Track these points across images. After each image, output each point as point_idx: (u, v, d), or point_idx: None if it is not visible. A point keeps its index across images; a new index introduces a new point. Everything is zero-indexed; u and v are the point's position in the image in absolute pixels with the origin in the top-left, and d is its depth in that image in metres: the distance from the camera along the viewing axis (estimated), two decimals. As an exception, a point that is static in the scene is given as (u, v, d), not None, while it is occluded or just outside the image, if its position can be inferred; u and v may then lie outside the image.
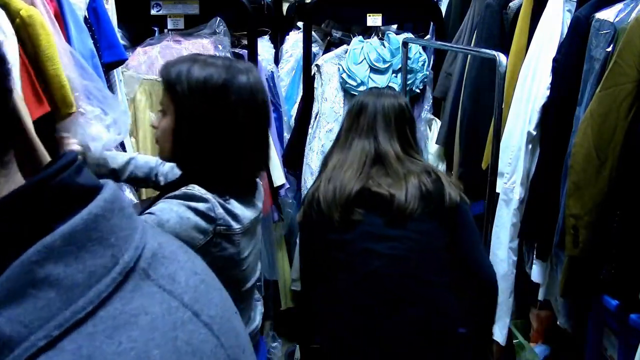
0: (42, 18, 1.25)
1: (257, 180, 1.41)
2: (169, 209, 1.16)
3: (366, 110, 1.67)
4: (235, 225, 1.23)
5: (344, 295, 1.54)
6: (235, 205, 1.24)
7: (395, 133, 1.65)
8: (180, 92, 1.21)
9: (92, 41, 1.59)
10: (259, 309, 1.50)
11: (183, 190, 1.20)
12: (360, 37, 2.64)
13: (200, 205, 1.18)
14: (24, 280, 0.39)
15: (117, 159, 1.53)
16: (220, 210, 1.20)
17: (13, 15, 1.19)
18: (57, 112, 1.30)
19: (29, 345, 0.37)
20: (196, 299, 0.49)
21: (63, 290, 0.40)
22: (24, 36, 1.21)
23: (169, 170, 1.56)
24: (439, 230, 1.55)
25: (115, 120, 1.47)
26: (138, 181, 1.56)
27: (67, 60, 1.34)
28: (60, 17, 1.44)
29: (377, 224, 1.53)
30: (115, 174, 1.50)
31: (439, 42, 2.65)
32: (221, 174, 1.25)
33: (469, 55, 2.32)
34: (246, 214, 1.27)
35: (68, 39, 1.45)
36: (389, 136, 1.64)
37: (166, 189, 1.31)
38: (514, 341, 2.25)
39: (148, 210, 1.18)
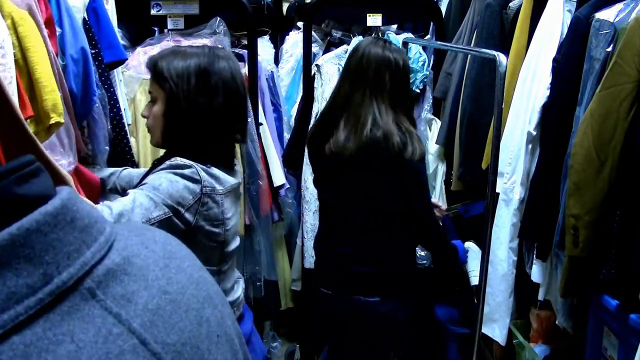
0: (33, 22, 1.24)
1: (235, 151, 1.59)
2: (159, 177, 1.33)
3: (358, 57, 1.83)
4: (218, 187, 1.40)
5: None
6: (216, 171, 1.41)
7: (381, 85, 1.81)
8: (168, 79, 1.38)
9: (88, 44, 1.58)
10: (240, 284, 1.64)
11: (167, 162, 1.37)
12: (360, 37, 2.64)
13: (186, 171, 1.34)
14: None
15: (102, 171, 1.69)
16: (203, 174, 1.36)
17: (4, 17, 1.18)
18: (39, 122, 1.22)
19: None
20: (152, 323, 0.46)
21: None
22: (14, 39, 1.19)
23: None
24: (382, 180, 1.80)
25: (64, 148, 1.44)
26: (120, 192, 1.66)
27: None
28: (53, 23, 1.42)
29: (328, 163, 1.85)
30: (103, 183, 1.66)
31: (439, 42, 2.65)
32: (204, 148, 1.42)
33: (469, 55, 2.32)
34: (227, 178, 1.44)
35: (62, 42, 1.44)
36: (377, 88, 1.81)
37: (153, 168, 1.46)
38: (514, 341, 2.25)
39: (139, 186, 1.34)
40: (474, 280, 2.28)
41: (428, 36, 2.86)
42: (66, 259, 0.42)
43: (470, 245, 2.33)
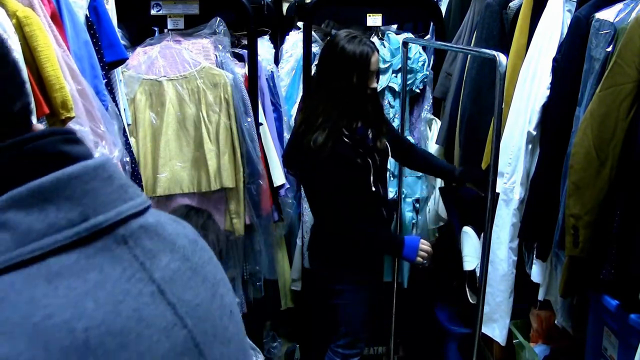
0: (39, 19, 1.24)
1: None
2: None
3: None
4: None
5: None
6: None
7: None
8: None
9: (91, 41, 1.58)
10: None
11: None
12: (360, 37, 2.64)
13: None
14: None
15: None
16: None
17: (9, 17, 1.18)
18: (54, 117, 1.28)
19: None
20: (171, 279, 0.51)
21: (17, 233, 0.44)
22: (20, 37, 1.20)
23: None
24: (301, 174, 2.15)
25: (107, 140, 1.47)
26: None
27: (65, 69, 1.33)
28: (58, 18, 1.43)
29: None
30: None
31: (439, 42, 2.65)
32: None
33: (469, 55, 2.32)
34: None
35: (65, 39, 1.44)
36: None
37: None
38: (514, 341, 2.25)
39: None
40: (467, 265, 2.29)
41: (428, 36, 2.86)
42: (102, 206, 0.48)
43: (466, 229, 2.33)
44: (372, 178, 2.03)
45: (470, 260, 2.29)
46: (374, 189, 2.04)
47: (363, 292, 2.16)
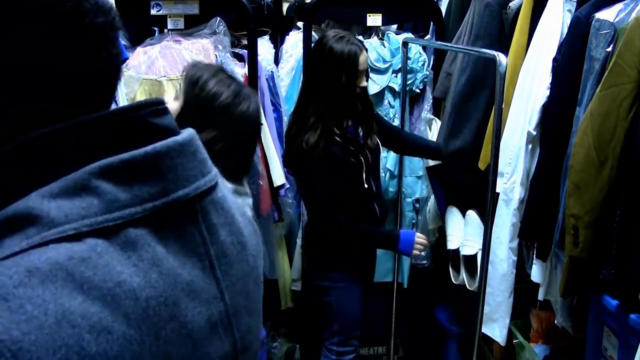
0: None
1: None
2: None
3: None
4: None
5: None
6: None
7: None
8: (191, 91, 1.42)
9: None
10: None
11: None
12: (360, 37, 2.63)
13: None
14: (80, 184, 0.47)
15: None
16: None
17: None
18: None
19: (61, 230, 0.44)
20: (223, 254, 0.55)
21: (105, 200, 0.47)
22: None
23: None
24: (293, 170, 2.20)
25: None
26: None
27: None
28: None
29: None
30: None
31: (439, 42, 2.65)
32: None
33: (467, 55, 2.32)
34: None
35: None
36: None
37: None
38: (514, 341, 2.25)
39: None
40: (450, 244, 2.31)
41: (428, 36, 2.86)
42: (185, 180, 0.52)
43: (451, 209, 2.37)
44: (364, 175, 2.06)
45: (454, 240, 2.33)
46: (366, 186, 2.07)
47: (353, 289, 2.17)
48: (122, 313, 0.45)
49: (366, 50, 2.04)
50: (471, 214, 2.33)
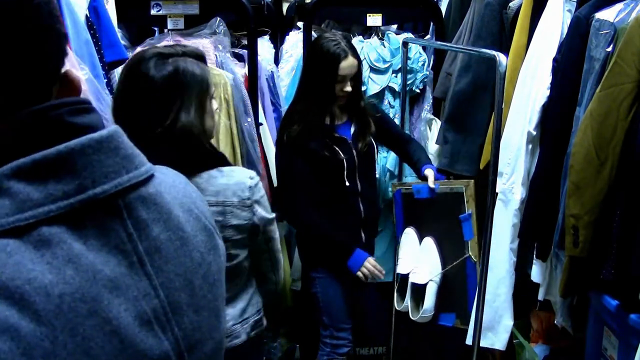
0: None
1: None
2: None
3: None
4: None
5: None
6: None
7: None
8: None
9: (91, 41, 1.58)
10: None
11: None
12: (360, 37, 2.64)
13: None
14: None
15: None
16: None
17: None
18: None
19: None
20: (156, 249, 0.55)
21: (17, 201, 0.47)
22: None
23: None
24: None
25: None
26: None
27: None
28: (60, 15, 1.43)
29: None
30: None
31: (439, 42, 2.65)
32: None
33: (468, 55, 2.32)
34: None
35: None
36: None
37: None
38: (514, 341, 2.25)
39: None
40: (399, 268, 2.24)
41: (428, 36, 2.86)
42: (103, 177, 0.51)
43: (409, 231, 2.28)
44: (345, 173, 2.07)
45: (404, 265, 2.23)
46: (347, 184, 2.08)
47: (337, 279, 2.18)
48: (31, 310, 0.44)
49: (357, 58, 2.03)
50: (428, 241, 2.22)
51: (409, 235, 2.26)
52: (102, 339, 0.48)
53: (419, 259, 2.21)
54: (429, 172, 2.16)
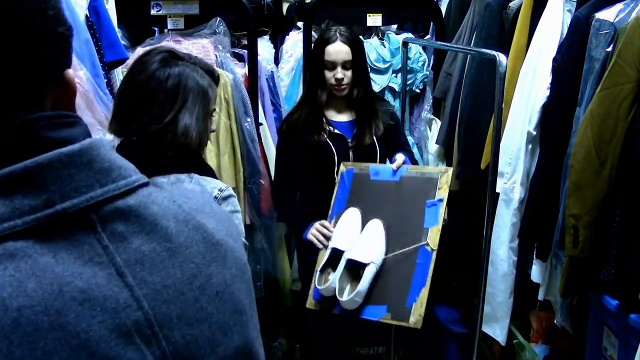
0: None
1: None
2: None
3: None
4: None
5: None
6: None
7: None
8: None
9: (91, 41, 1.58)
10: None
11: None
12: (360, 37, 2.64)
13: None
14: None
15: None
16: None
17: None
18: None
19: None
20: (137, 261, 0.53)
21: None
22: None
23: None
24: None
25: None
26: None
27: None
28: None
29: None
30: None
31: (439, 42, 2.65)
32: None
33: (468, 55, 2.32)
34: None
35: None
36: None
37: None
38: (514, 341, 2.25)
39: None
40: (334, 241, 1.92)
41: (428, 36, 2.86)
42: (73, 191, 0.50)
43: (351, 209, 1.99)
44: (336, 170, 2.05)
45: (341, 240, 1.92)
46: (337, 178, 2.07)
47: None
48: None
49: (351, 45, 1.98)
50: (375, 222, 1.92)
51: (352, 213, 1.97)
52: (68, 353, 0.47)
53: (361, 239, 1.91)
54: (399, 156, 2.00)
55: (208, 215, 0.62)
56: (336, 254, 1.89)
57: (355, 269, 1.86)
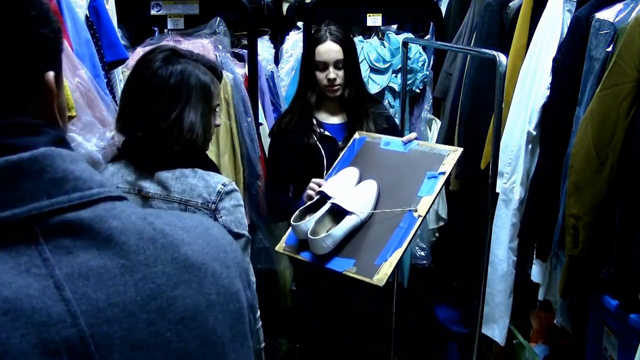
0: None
1: None
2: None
3: None
4: None
5: None
6: None
7: None
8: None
9: (92, 40, 1.58)
10: None
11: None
12: (360, 37, 2.64)
13: None
14: None
15: None
16: None
17: None
18: None
19: None
20: (81, 276, 0.50)
21: None
22: None
23: None
24: None
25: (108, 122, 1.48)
26: None
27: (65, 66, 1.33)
28: (59, 15, 1.43)
29: None
30: None
31: (439, 42, 2.65)
32: None
33: (468, 55, 2.32)
34: None
35: (66, 36, 1.45)
36: None
37: None
38: (514, 341, 2.26)
39: None
40: (325, 187, 1.83)
41: (428, 36, 2.86)
42: (16, 201, 0.48)
43: (351, 168, 1.93)
44: (325, 173, 1.99)
45: (332, 188, 1.84)
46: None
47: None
48: None
49: (341, 44, 1.95)
50: (369, 182, 1.85)
51: (350, 171, 1.91)
52: None
53: (352, 191, 1.85)
54: (413, 133, 1.95)
55: (195, 237, 0.58)
56: (324, 201, 1.81)
57: (337, 218, 1.76)
